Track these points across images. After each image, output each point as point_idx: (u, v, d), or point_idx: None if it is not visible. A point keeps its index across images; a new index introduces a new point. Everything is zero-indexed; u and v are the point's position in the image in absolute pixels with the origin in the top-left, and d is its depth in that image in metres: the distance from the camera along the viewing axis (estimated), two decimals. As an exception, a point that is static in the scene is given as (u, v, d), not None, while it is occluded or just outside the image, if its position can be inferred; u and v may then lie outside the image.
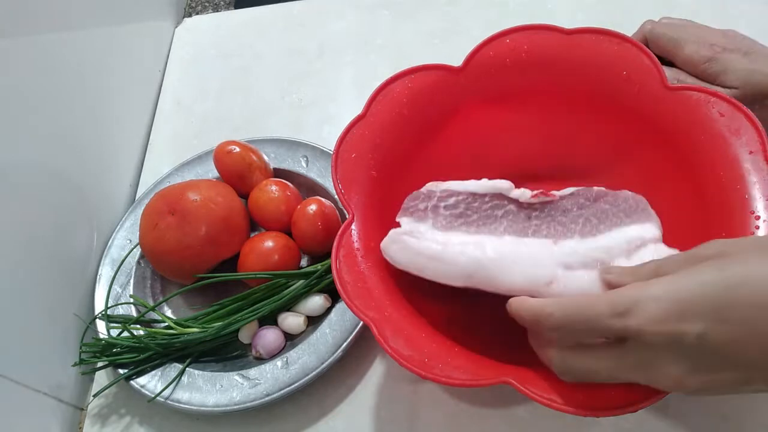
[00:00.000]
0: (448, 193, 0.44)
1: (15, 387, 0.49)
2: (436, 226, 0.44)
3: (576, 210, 0.41)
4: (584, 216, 0.41)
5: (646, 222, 0.40)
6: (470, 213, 0.43)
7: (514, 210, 0.43)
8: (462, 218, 0.44)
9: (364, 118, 0.49)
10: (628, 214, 0.41)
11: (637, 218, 0.40)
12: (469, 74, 0.50)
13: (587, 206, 0.41)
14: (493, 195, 0.44)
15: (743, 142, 0.43)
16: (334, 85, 0.73)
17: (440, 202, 0.44)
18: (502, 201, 0.43)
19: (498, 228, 0.43)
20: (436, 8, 0.77)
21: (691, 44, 0.51)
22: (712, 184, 0.44)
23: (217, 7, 0.88)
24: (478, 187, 0.44)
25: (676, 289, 0.32)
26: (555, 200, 0.42)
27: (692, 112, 0.45)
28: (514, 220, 0.43)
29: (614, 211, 0.41)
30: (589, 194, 0.42)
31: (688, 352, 0.31)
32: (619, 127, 0.50)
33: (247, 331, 0.54)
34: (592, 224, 0.41)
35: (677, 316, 0.31)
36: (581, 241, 0.41)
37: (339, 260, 0.43)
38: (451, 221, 0.44)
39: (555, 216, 0.42)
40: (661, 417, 0.47)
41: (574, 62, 0.49)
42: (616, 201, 0.41)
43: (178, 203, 0.56)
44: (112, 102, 0.69)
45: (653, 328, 0.31)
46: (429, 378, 0.38)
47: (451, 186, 0.44)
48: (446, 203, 0.44)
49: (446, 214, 0.44)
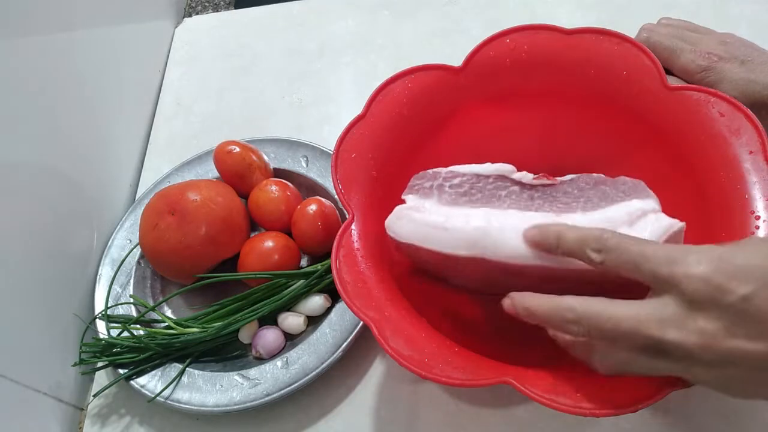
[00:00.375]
0: (452, 174, 0.45)
1: (15, 387, 0.49)
2: (441, 202, 0.44)
3: (577, 192, 0.42)
4: (585, 196, 0.42)
5: (646, 198, 0.41)
6: (474, 192, 0.44)
7: (517, 190, 0.43)
8: (466, 196, 0.44)
9: (364, 118, 0.49)
10: (628, 194, 0.41)
11: (637, 196, 0.41)
12: (469, 74, 0.50)
13: (587, 189, 0.42)
14: (496, 176, 0.44)
15: (743, 142, 0.43)
16: (334, 85, 0.73)
17: (445, 182, 0.44)
18: (505, 182, 0.44)
19: (502, 205, 0.43)
20: (436, 8, 0.77)
21: (687, 53, 0.51)
22: (712, 184, 0.44)
23: (217, 7, 0.88)
24: (482, 169, 0.44)
25: (729, 251, 0.32)
26: (556, 184, 0.43)
27: (692, 112, 0.45)
28: (517, 199, 0.43)
29: (614, 192, 0.42)
30: (589, 179, 0.43)
31: (727, 311, 0.30)
32: (619, 126, 0.50)
33: (247, 331, 0.54)
34: (594, 203, 0.42)
35: (727, 275, 0.31)
36: (583, 214, 0.41)
37: (339, 260, 0.43)
38: (456, 198, 0.44)
39: (557, 197, 0.43)
40: (662, 417, 0.47)
41: (574, 62, 0.49)
42: (615, 184, 0.42)
43: (178, 203, 0.56)
44: (112, 102, 0.69)
45: (699, 277, 0.31)
46: (429, 378, 0.38)
47: (455, 168, 0.45)
48: (451, 183, 0.44)
49: (451, 192, 0.44)
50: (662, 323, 0.32)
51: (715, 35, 0.53)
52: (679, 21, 0.55)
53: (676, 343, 0.32)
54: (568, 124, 0.52)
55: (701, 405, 0.47)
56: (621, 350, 0.34)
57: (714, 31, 0.53)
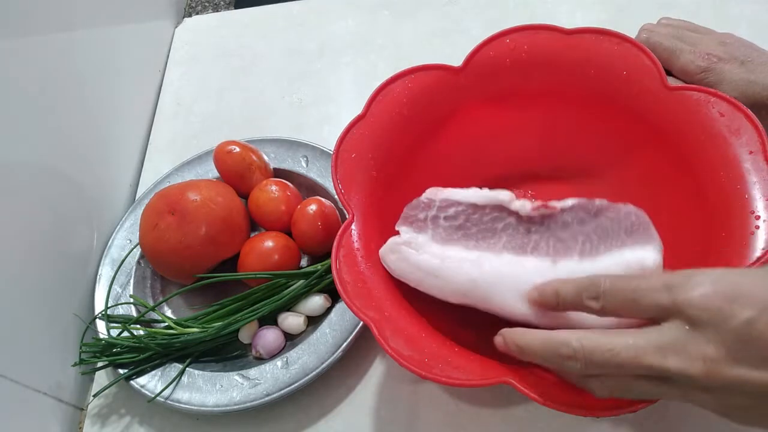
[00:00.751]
0: (448, 203, 0.43)
1: (15, 387, 0.49)
2: (435, 239, 0.44)
3: (576, 225, 0.40)
4: (584, 233, 0.40)
5: (647, 244, 0.39)
6: (470, 225, 0.43)
7: (514, 223, 0.42)
8: (461, 230, 0.43)
9: (364, 118, 0.49)
10: (629, 233, 0.39)
11: (638, 238, 0.39)
12: (469, 74, 0.50)
13: (588, 221, 0.40)
14: (493, 207, 0.43)
15: (743, 142, 0.43)
16: (334, 85, 0.73)
17: (440, 212, 0.44)
18: (502, 213, 0.43)
19: (497, 243, 0.42)
20: (436, 8, 0.77)
21: (687, 54, 0.51)
22: (712, 184, 0.44)
23: (217, 7, 0.88)
24: (479, 197, 0.43)
25: (734, 274, 0.31)
26: (556, 213, 0.41)
27: (692, 112, 0.45)
28: (514, 234, 0.42)
29: (615, 229, 0.40)
30: (590, 207, 0.40)
31: (730, 336, 0.29)
32: (619, 127, 0.50)
33: (247, 331, 0.54)
34: (592, 243, 0.40)
35: (730, 297, 0.30)
36: (580, 262, 0.40)
37: (339, 260, 0.43)
38: (451, 233, 0.43)
39: (555, 231, 0.41)
40: (661, 417, 0.47)
41: (574, 62, 0.49)
42: (617, 216, 0.40)
43: (178, 203, 0.56)
44: (112, 102, 0.69)
45: (702, 301, 0.30)
46: (429, 378, 0.38)
47: (451, 195, 0.44)
48: (446, 214, 0.43)
49: (446, 226, 0.44)
50: (663, 351, 0.31)
51: (715, 36, 0.52)
52: (679, 21, 0.55)
53: (678, 370, 0.31)
54: (568, 124, 0.52)
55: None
56: (620, 379, 0.33)
57: (714, 32, 0.53)
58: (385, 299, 0.43)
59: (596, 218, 0.40)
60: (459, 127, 0.52)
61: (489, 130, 0.53)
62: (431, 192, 0.45)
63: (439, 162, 0.52)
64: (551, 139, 0.52)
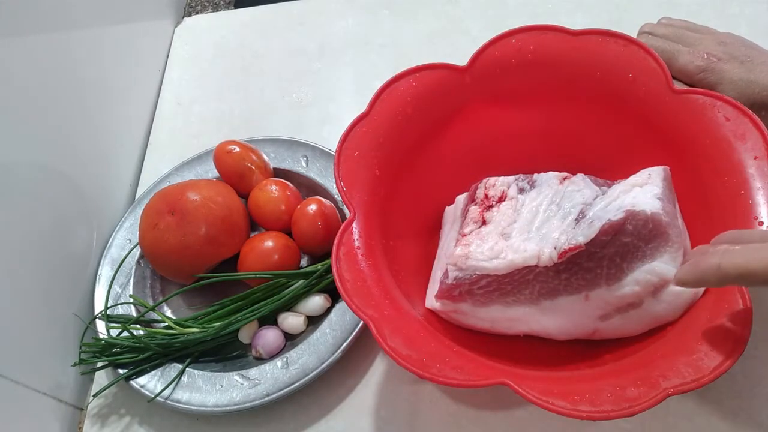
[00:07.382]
0: (478, 277, 0.44)
1: (15, 387, 0.49)
2: (476, 304, 0.45)
3: (599, 251, 0.41)
4: (608, 257, 0.41)
5: (665, 253, 0.41)
6: (504, 285, 0.45)
7: (543, 271, 0.43)
8: (497, 291, 0.45)
9: (368, 116, 0.48)
10: (647, 241, 0.41)
11: (656, 246, 0.41)
12: (475, 74, 0.50)
13: (609, 243, 0.41)
14: (522, 268, 0.43)
15: (748, 147, 0.43)
16: (334, 85, 0.73)
17: (473, 286, 0.45)
18: (531, 267, 0.43)
19: (532, 292, 0.44)
20: (436, 8, 0.77)
21: (686, 54, 0.50)
22: (716, 188, 0.44)
23: (217, 7, 0.88)
24: (507, 267, 0.43)
25: None
26: (581, 250, 0.41)
27: (697, 116, 0.45)
28: (545, 280, 0.44)
29: (635, 243, 0.41)
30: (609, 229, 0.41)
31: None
32: (624, 128, 0.49)
33: (247, 331, 0.54)
34: (616, 264, 0.41)
35: None
36: (608, 290, 0.42)
37: (339, 258, 0.43)
38: (489, 295, 0.45)
39: (582, 264, 0.42)
40: (661, 418, 0.47)
41: (580, 63, 0.49)
42: (636, 229, 0.40)
43: (178, 203, 0.56)
44: (112, 102, 0.68)
45: None
46: (426, 378, 0.38)
47: (478, 268, 0.44)
48: (479, 286, 0.45)
49: (481, 293, 0.45)
50: None
51: (715, 36, 0.52)
52: (679, 21, 0.55)
53: None
54: (573, 126, 0.51)
55: (701, 406, 0.47)
56: None
57: (714, 31, 0.53)
58: (384, 298, 0.43)
59: (615, 236, 0.41)
60: (463, 127, 0.52)
61: (493, 130, 0.52)
62: (458, 261, 0.45)
63: (442, 161, 0.52)
64: (556, 139, 0.52)
